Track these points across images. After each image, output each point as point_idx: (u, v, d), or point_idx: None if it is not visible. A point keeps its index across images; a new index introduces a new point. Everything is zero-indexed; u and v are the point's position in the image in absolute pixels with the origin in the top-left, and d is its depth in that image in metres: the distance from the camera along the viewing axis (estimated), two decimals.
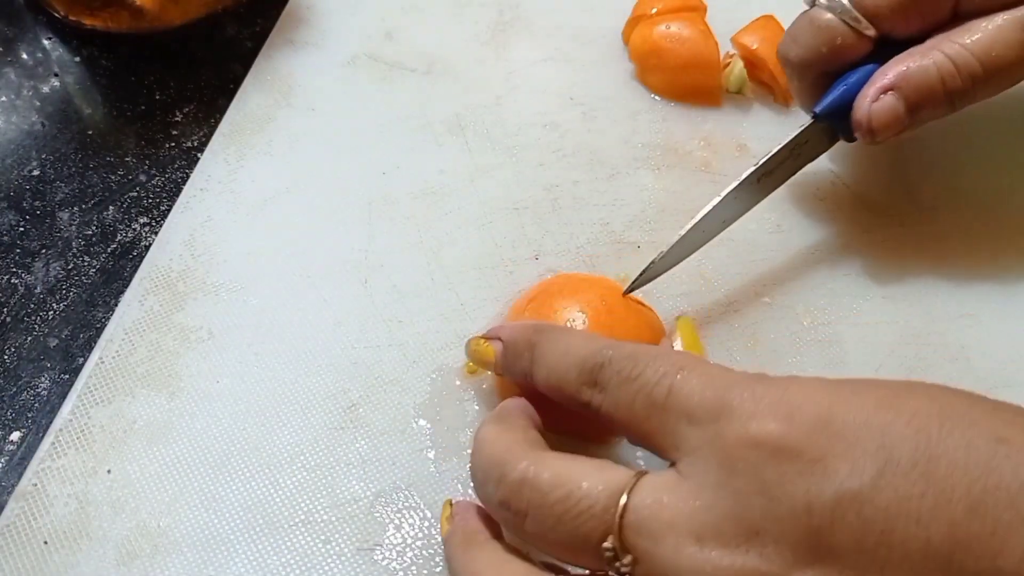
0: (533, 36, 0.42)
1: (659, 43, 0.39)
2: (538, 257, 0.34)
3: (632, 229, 0.35)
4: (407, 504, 0.28)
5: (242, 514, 0.28)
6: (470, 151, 0.38)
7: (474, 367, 0.30)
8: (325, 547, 0.27)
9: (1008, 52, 0.28)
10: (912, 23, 0.30)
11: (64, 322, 0.33)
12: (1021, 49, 0.28)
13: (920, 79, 0.29)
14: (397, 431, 0.30)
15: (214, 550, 0.27)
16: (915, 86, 0.29)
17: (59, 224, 0.36)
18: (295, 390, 0.31)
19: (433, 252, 0.35)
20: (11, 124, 0.39)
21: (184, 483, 0.28)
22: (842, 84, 0.31)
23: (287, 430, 0.30)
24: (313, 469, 0.29)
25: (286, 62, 0.41)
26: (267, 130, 0.38)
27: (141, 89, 0.40)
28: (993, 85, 0.29)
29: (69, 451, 0.29)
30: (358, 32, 0.42)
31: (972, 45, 0.28)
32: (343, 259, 0.34)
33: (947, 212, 0.36)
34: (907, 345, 0.32)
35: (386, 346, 0.32)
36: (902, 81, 0.29)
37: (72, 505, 0.28)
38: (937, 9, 0.29)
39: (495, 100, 0.40)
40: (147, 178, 0.37)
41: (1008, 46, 0.28)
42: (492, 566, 0.22)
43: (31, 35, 0.42)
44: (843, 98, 0.31)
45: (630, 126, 0.39)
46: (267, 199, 0.36)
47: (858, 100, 0.30)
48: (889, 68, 0.30)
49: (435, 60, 0.41)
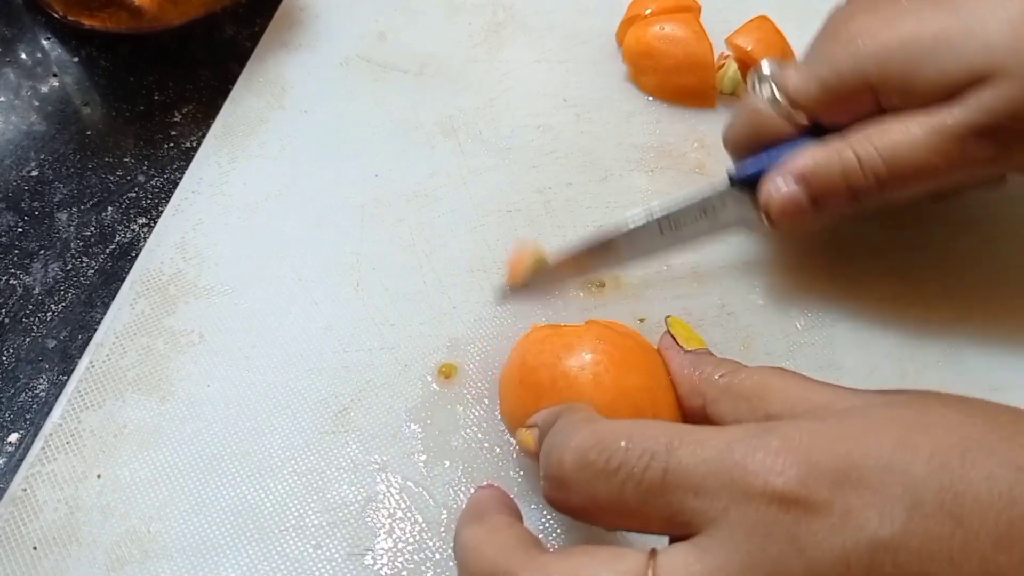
0: (526, 37, 0.41)
1: (653, 44, 0.37)
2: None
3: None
4: (398, 509, 0.27)
5: (232, 519, 0.26)
6: (463, 153, 0.36)
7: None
8: (316, 552, 0.26)
9: (915, 155, 0.26)
10: (838, 115, 0.28)
11: (62, 323, 0.32)
12: (929, 154, 0.26)
13: (824, 172, 0.27)
14: (388, 435, 0.28)
15: (204, 555, 0.26)
16: (818, 179, 0.27)
17: (57, 225, 0.34)
18: (286, 394, 0.29)
19: (425, 255, 0.33)
20: (10, 124, 0.37)
21: (174, 488, 0.27)
22: (766, 155, 0.29)
23: (278, 434, 0.28)
24: (304, 474, 0.27)
25: (279, 64, 0.39)
26: (259, 132, 0.36)
27: (140, 89, 0.39)
28: (901, 187, 0.27)
29: (59, 456, 0.27)
30: (351, 34, 0.40)
31: (879, 144, 0.27)
32: (335, 262, 0.33)
33: (941, 214, 0.34)
34: (901, 347, 0.31)
35: (377, 350, 0.30)
36: (807, 172, 0.28)
37: (62, 510, 0.26)
38: (862, 105, 0.27)
39: (488, 102, 0.38)
40: (146, 179, 0.36)
41: (915, 149, 0.26)
42: (477, 538, 0.21)
43: (30, 35, 0.41)
44: (763, 168, 0.29)
45: (624, 128, 0.37)
46: (259, 202, 0.34)
47: (763, 182, 0.29)
48: (798, 156, 0.28)
49: (428, 61, 0.39)
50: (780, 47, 0.37)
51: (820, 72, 0.28)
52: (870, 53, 0.27)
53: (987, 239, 0.34)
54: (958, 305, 0.32)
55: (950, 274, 0.33)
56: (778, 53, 0.36)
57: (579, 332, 0.27)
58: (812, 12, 0.38)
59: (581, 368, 0.26)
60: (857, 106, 0.27)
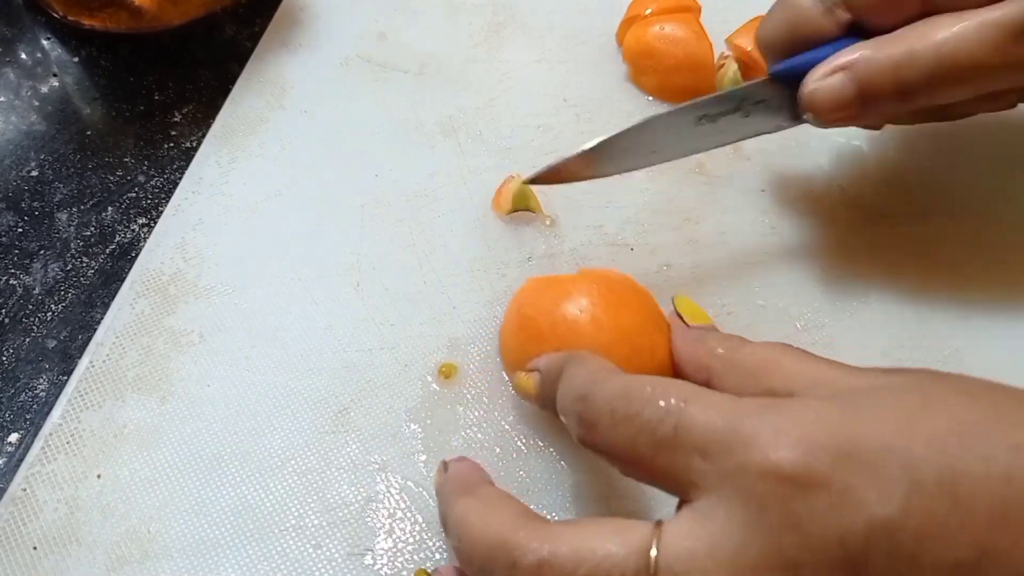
0: (526, 37, 0.40)
1: (653, 44, 0.37)
2: (531, 260, 0.33)
3: (626, 231, 0.34)
4: (398, 509, 0.27)
5: (232, 519, 0.26)
6: (463, 153, 0.36)
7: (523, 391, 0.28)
8: (316, 552, 0.26)
9: (969, 50, 0.25)
10: (887, 16, 0.27)
11: (62, 323, 0.31)
12: (986, 50, 0.25)
13: (875, 64, 0.26)
14: (388, 435, 0.28)
15: (204, 555, 0.26)
16: (868, 70, 0.26)
17: (57, 225, 0.34)
18: (286, 394, 0.29)
19: (425, 255, 0.33)
20: (10, 124, 0.37)
21: (174, 488, 0.27)
22: (811, 53, 0.28)
23: (278, 434, 0.28)
24: (304, 474, 0.27)
25: (279, 64, 0.39)
26: (259, 132, 0.36)
27: (140, 89, 0.39)
28: (952, 85, 0.26)
29: (59, 456, 0.27)
30: (351, 33, 0.40)
31: (933, 38, 0.26)
32: (335, 262, 0.32)
33: (940, 214, 0.34)
34: (900, 347, 0.31)
35: (377, 350, 0.30)
36: (857, 62, 0.27)
37: (62, 510, 0.26)
38: (913, 6, 0.27)
39: (488, 102, 0.38)
40: (146, 179, 0.36)
41: (970, 43, 0.25)
42: (477, 511, 0.21)
43: (30, 35, 0.41)
44: (806, 65, 0.28)
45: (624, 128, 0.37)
46: (259, 202, 0.34)
47: (810, 73, 0.28)
48: (849, 49, 0.27)
49: (428, 61, 0.39)
50: None
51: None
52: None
53: (987, 239, 0.33)
54: (958, 305, 0.32)
55: (951, 274, 0.32)
56: None
57: (574, 279, 0.28)
58: None
59: (580, 311, 0.27)
60: (910, 7, 0.26)
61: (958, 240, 0.33)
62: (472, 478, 0.24)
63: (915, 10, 0.27)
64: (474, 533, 0.21)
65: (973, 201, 0.35)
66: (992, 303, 0.32)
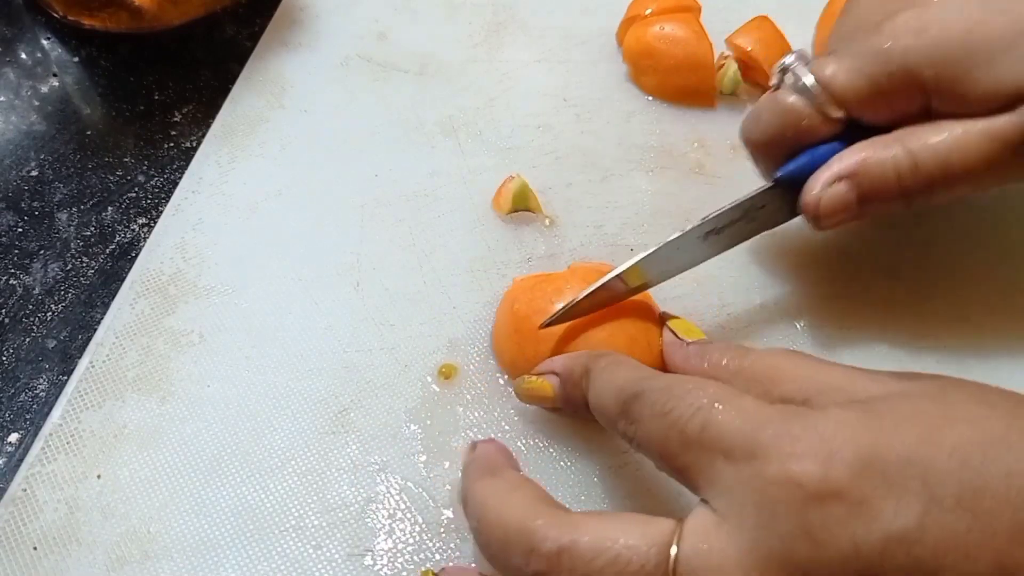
0: (526, 37, 0.40)
1: (653, 44, 0.37)
2: (531, 260, 0.32)
3: (626, 232, 0.33)
4: (398, 509, 0.26)
5: (232, 519, 0.26)
6: (463, 153, 0.36)
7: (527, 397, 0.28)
8: (316, 553, 0.26)
9: (970, 160, 0.25)
10: (880, 113, 0.27)
11: (62, 323, 0.31)
12: (984, 159, 0.25)
13: (877, 172, 0.26)
14: (388, 436, 0.28)
15: (204, 556, 0.26)
16: (870, 178, 0.26)
17: (57, 225, 0.34)
18: (286, 394, 0.29)
19: (425, 255, 0.33)
20: (10, 124, 0.37)
21: (174, 488, 0.27)
22: (809, 155, 0.28)
23: (278, 435, 0.28)
24: (304, 474, 0.27)
25: (278, 63, 0.39)
26: (259, 132, 0.36)
27: (140, 89, 0.38)
28: (951, 189, 0.26)
29: (59, 456, 0.27)
30: (351, 33, 0.40)
31: (936, 146, 0.26)
32: (335, 262, 0.32)
33: (941, 215, 0.34)
34: (901, 348, 0.30)
35: (377, 350, 0.30)
36: (858, 171, 0.26)
37: (62, 510, 0.26)
38: (908, 104, 0.26)
39: (488, 101, 0.37)
40: (146, 178, 0.36)
41: (971, 153, 0.25)
42: (498, 494, 0.21)
43: (30, 35, 0.40)
44: (807, 168, 0.28)
45: (624, 128, 0.37)
46: (259, 201, 0.34)
47: (810, 182, 0.27)
48: (848, 155, 0.27)
49: (428, 61, 0.39)
50: (780, 47, 0.37)
51: (866, 67, 0.26)
52: (924, 54, 0.25)
53: (987, 239, 0.33)
54: (958, 306, 0.32)
55: (950, 274, 0.32)
56: (778, 53, 0.36)
57: (566, 277, 0.28)
58: (812, 12, 0.37)
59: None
60: (904, 105, 0.26)
61: (958, 240, 0.33)
62: (497, 460, 0.24)
63: (909, 106, 0.26)
64: (492, 516, 0.21)
65: (973, 201, 0.35)
66: (993, 303, 0.32)
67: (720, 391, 0.20)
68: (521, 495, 0.21)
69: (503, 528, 0.20)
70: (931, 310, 0.31)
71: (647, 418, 0.21)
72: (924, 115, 0.26)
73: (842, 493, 0.17)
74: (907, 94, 0.26)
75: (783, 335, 0.31)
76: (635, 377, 0.22)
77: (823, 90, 0.27)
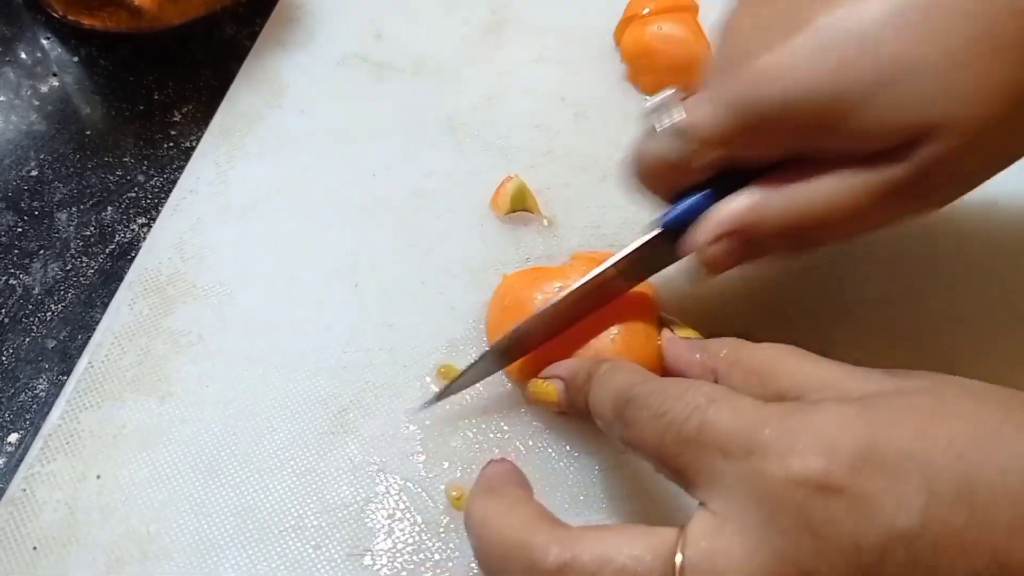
0: (524, 36, 0.40)
1: (651, 44, 0.37)
2: (529, 260, 0.32)
3: (624, 232, 0.33)
4: (397, 509, 0.26)
5: (232, 519, 0.26)
6: (461, 153, 0.36)
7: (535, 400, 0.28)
8: (315, 553, 0.26)
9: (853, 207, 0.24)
10: (760, 152, 0.25)
11: (62, 323, 0.31)
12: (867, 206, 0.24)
13: (760, 224, 0.25)
14: (387, 436, 0.28)
15: (204, 556, 0.26)
16: (750, 231, 0.25)
17: (57, 225, 0.34)
18: (285, 394, 0.29)
19: (424, 255, 0.32)
20: (9, 124, 0.37)
21: (174, 488, 0.27)
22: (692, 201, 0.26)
23: (277, 435, 0.28)
24: (303, 474, 0.27)
25: (276, 63, 0.38)
26: (257, 131, 0.36)
27: (140, 89, 0.38)
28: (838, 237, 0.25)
29: (58, 456, 0.27)
30: (348, 33, 0.40)
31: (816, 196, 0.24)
32: (333, 262, 0.32)
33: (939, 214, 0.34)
34: (899, 347, 0.30)
35: (376, 350, 0.30)
36: (738, 226, 0.25)
37: (61, 511, 0.26)
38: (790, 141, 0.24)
39: (486, 101, 0.37)
40: (145, 178, 0.35)
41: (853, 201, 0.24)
42: (498, 511, 0.21)
43: (29, 34, 0.40)
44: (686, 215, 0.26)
45: (622, 128, 0.37)
46: (257, 201, 0.34)
47: (692, 236, 0.26)
48: (727, 209, 0.25)
49: (425, 61, 0.39)
50: None
51: (739, 108, 0.24)
52: (799, 96, 0.23)
53: (986, 240, 0.33)
54: (957, 305, 0.32)
55: (949, 274, 0.32)
56: None
57: (564, 271, 0.28)
58: None
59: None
60: (785, 141, 0.25)
61: (956, 240, 0.33)
62: (501, 479, 0.23)
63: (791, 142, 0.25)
64: (491, 534, 0.21)
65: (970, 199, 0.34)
66: (990, 302, 0.32)
67: (716, 391, 0.20)
68: (521, 512, 0.21)
69: (502, 545, 0.20)
70: (929, 310, 0.31)
71: (643, 420, 0.21)
72: (809, 150, 0.25)
73: (843, 488, 0.17)
74: (786, 133, 0.24)
75: (781, 335, 0.30)
76: (631, 382, 0.22)
77: (696, 132, 0.25)
